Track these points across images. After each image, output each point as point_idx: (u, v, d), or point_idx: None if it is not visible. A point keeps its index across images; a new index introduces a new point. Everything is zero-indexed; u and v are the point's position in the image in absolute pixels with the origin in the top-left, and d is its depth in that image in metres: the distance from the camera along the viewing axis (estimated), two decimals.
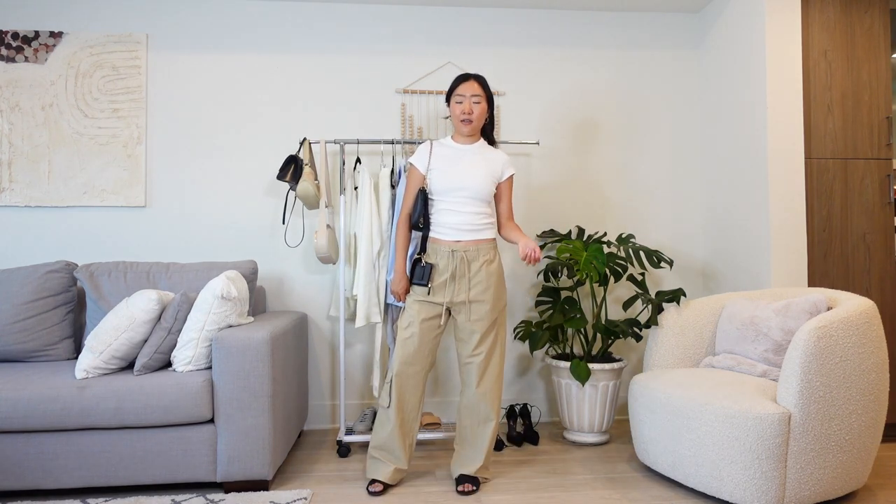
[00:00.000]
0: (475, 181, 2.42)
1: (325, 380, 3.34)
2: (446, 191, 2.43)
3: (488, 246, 2.45)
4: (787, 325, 2.39)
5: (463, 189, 2.42)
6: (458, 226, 2.41)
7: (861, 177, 2.91)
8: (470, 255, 2.41)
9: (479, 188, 2.42)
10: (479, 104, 2.46)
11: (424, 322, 2.41)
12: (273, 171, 3.33)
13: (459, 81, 2.48)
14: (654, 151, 3.54)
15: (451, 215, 2.42)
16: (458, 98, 2.47)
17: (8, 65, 3.20)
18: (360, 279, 2.87)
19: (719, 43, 3.33)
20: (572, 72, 3.50)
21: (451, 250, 2.41)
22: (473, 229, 2.42)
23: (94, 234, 3.24)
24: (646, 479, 2.53)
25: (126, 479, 2.31)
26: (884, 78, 2.93)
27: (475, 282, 2.41)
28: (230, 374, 2.32)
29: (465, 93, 2.45)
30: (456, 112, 2.48)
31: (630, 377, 3.50)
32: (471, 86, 2.46)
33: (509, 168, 2.54)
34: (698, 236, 3.56)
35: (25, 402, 2.24)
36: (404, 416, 2.42)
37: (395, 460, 2.43)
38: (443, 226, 2.44)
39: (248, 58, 3.34)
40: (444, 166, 2.46)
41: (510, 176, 2.54)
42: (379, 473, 2.41)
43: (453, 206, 2.43)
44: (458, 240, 2.41)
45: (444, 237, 2.43)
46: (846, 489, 2.23)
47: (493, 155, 2.53)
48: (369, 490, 2.38)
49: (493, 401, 2.46)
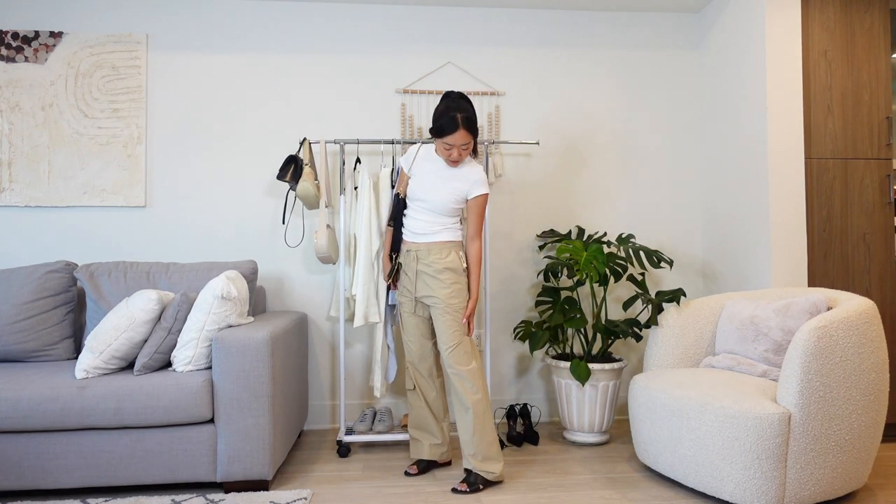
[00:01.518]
0: (436, 196, 2.49)
1: (325, 380, 3.34)
2: (412, 199, 2.57)
3: (440, 246, 2.51)
4: (787, 325, 2.39)
5: (423, 201, 2.52)
6: (416, 230, 2.55)
7: (861, 177, 2.91)
8: (421, 254, 2.53)
9: (438, 204, 2.49)
10: (466, 149, 2.46)
11: (406, 313, 2.62)
12: (273, 171, 3.33)
13: (448, 129, 2.39)
14: (654, 151, 3.54)
15: (412, 220, 2.57)
16: (446, 145, 2.43)
17: (8, 65, 3.20)
18: (359, 279, 2.88)
19: (719, 43, 3.33)
20: (572, 72, 3.50)
21: (407, 250, 2.58)
22: (427, 233, 2.53)
23: (94, 234, 3.24)
24: (646, 479, 2.53)
25: (126, 479, 2.31)
26: (884, 78, 2.93)
27: (423, 279, 2.51)
28: (230, 374, 2.32)
29: (455, 143, 2.41)
30: (443, 154, 2.47)
31: (630, 377, 3.51)
32: (460, 136, 2.40)
33: (480, 187, 2.49)
34: (698, 236, 3.56)
35: (25, 402, 2.24)
36: (426, 396, 2.64)
37: (431, 437, 2.64)
38: (406, 228, 2.60)
39: (248, 58, 3.34)
40: (420, 175, 2.55)
41: (480, 195, 2.50)
42: (419, 452, 2.65)
43: (414, 212, 2.57)
44: (413, 241, 2.56)
45: (406, 238, 2.60)
46: (846, 489, 2.23)
47: (465, 173, 2.51)
48: (407, 472, 2.60)
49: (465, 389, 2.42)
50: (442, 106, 2.44)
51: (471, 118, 2.42)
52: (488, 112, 3.42)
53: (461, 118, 2.39)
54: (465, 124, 2.39)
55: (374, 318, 2.90)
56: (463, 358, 2.46)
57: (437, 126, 2.42)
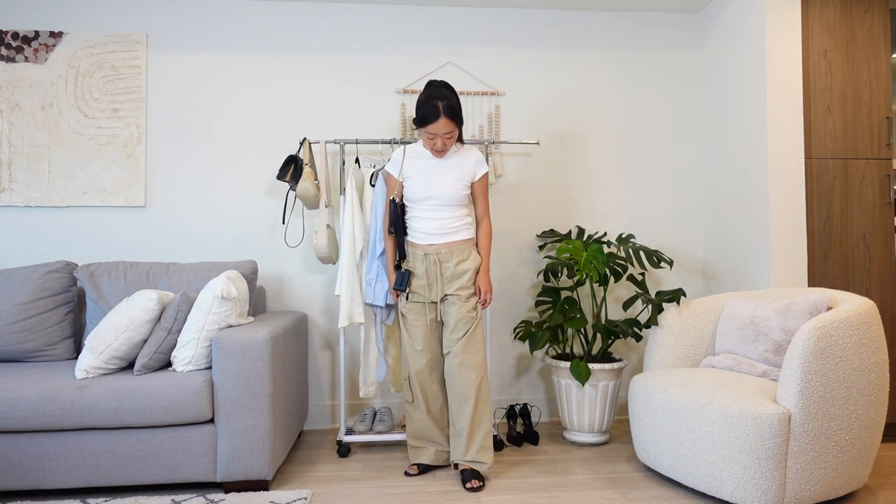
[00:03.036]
0: (446, 188, 2.46)
1: (325, 380, 3.34)
2: (419, 199, 2.49)
3: (462, 246, 2.51)
4: (787, 325, 2.39)
5: (434, 197, 2.47)
6: (432, 230, 2.49)
7: (861, 177, 2.91)
8: (442, 256, 2.48)
9: (451, 194, 2.46)
10: (451, 137, 2.42)
11: (418, 324, 2.53)
12: (273, 171, 3.33)
13: (430, 118, 2.36)
14: (654, 151, 3.54)
15: (424, 221, 2.50)
16: (429, 134, 2.41)
17: (8, 65, 3.20)
18: (343, 279, 2.83)
19: (719, 43, 3.33)
20: (572, 71, 3.50)
21: (425, 253, 2.49)
22: (446, 232, 2.48)
23: (94, 234, 3.24)
24: (646, 479, 2.53)
25: (126, 479, 2.31)
26: (884, 78, 2.93)
27: (448, 281, 2.48)
28: (230, 374, 2.32)
29: (438, 132, 2.39)
30: (427, 144, 2.46)
31: (630, 377, 3.51)
32: (442, 124, 2.37)
33: (481, 167, 2.52)
34: (698, 236, 3.56)
35: (25, 402, 2.24)
36: (430, 406, 2.57)
37: (435, 444, 2.60)
38: (417, 231, 2.52)
39: (247, 58, 3.34)
40: (416, 174, 2.50)
41: (483, 175, 2.53)
42: (421, 457, 2.60)
43: (425, 212, 2.49)
44: (430, 243, 2.49)
45: (419, 241, 2.52)
46: (846, 489, 2.23)
47: (464, 157, 2.52)
48: (407, 472, 2.57)
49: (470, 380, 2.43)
50: (423, 95, 2.42)
51: (453, 106, 2.38)
52: (488, 112, 3.42)
53: (443, 106, 2.36)
54: (447, 112, 2.36)
55: (359, 318, 2.83)
56: (472, 347, 2.46)
57: (419, 115, 2.40)
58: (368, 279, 2.78)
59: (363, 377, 2.91)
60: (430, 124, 2.38)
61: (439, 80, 2.48)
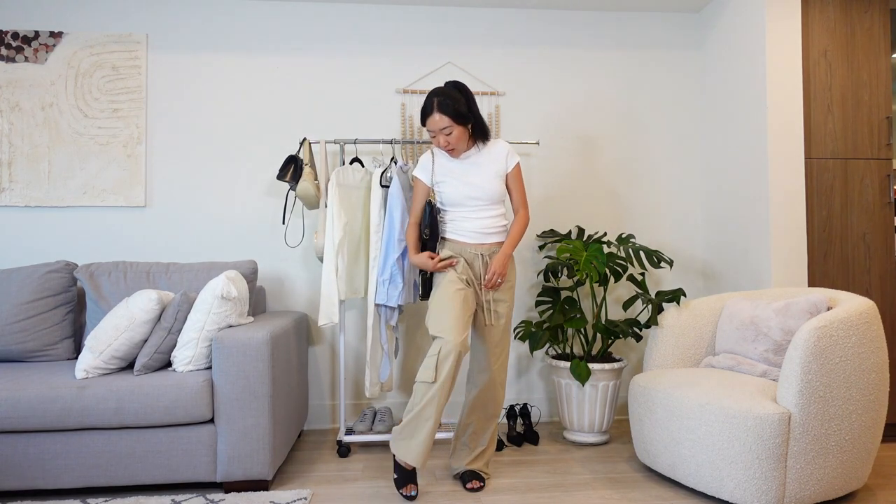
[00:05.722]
0: (485, 187, 2.42)
1: (325, 380, 3.34)
2: (460, 202, 2.44)
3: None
4: (787, 325, 2.39)
5: (476, 199, 2.43)
6: (481, 230, 2.44)
7: (861, 177, 2.91)
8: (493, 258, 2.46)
9: (492, 193, 2.43)
10: (451, 133, 2.36)
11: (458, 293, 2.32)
12: (273, 171, 3.33)
13: (424, 116, 2.37)
14: (654, 151, 3.54)
15: (470, 222, 2.45)
16: (430, 133, 2.41)
17: (8, 65, 3.20)
18: (324, 277, 2.80)
19: (720, 43, 3.33)
20: (572, 72, 3.50)
21: (479, 253, 2.44)
22: (495, 232, 2.47)
23: (94, 234, 3.24)
24: (646, 479, 2.53)
25: (126, 479, 2.31)
26: (884, 78, 2.93)
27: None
28: (230, 374, 2.32)
29: (434, 129, 2.37)
30: (433, 143, 2.44)
31: (630, 377, 3.50)
32: (435, 121, 2.34)
33: (513, 157, 2.49)
34: (698, 236, 3.56)
35: (25, 402, 2.23)
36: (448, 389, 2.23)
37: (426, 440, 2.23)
38: (463, 231, 2.45)
39: (248, 58, 3.34)
40: (450, 179, 2.45)
41: (516, 164, 2.49)
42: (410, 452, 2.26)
43: (469, 214, 2.45)
44: (482, 242, 2.45)
45: (468, 240, 2.45)
46: (846, 489, 2.23)
47: (494, 151, 2.49)
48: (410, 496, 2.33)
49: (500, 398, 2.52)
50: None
51: (447, 101, 2.32)
52: (488, 112, 3.42)
53: (436, 102, 2.33)
54: (439, 108, 2.32)
55: (336, 318, 2.77)
56: (504, 368, 2.52)
57: (421, 115, 2.41)
58: (382, 280, 2.77)
59: (369, 377, 2.90)
60: (426, 119, 2.37)
61: (454, 81, 2.45)
